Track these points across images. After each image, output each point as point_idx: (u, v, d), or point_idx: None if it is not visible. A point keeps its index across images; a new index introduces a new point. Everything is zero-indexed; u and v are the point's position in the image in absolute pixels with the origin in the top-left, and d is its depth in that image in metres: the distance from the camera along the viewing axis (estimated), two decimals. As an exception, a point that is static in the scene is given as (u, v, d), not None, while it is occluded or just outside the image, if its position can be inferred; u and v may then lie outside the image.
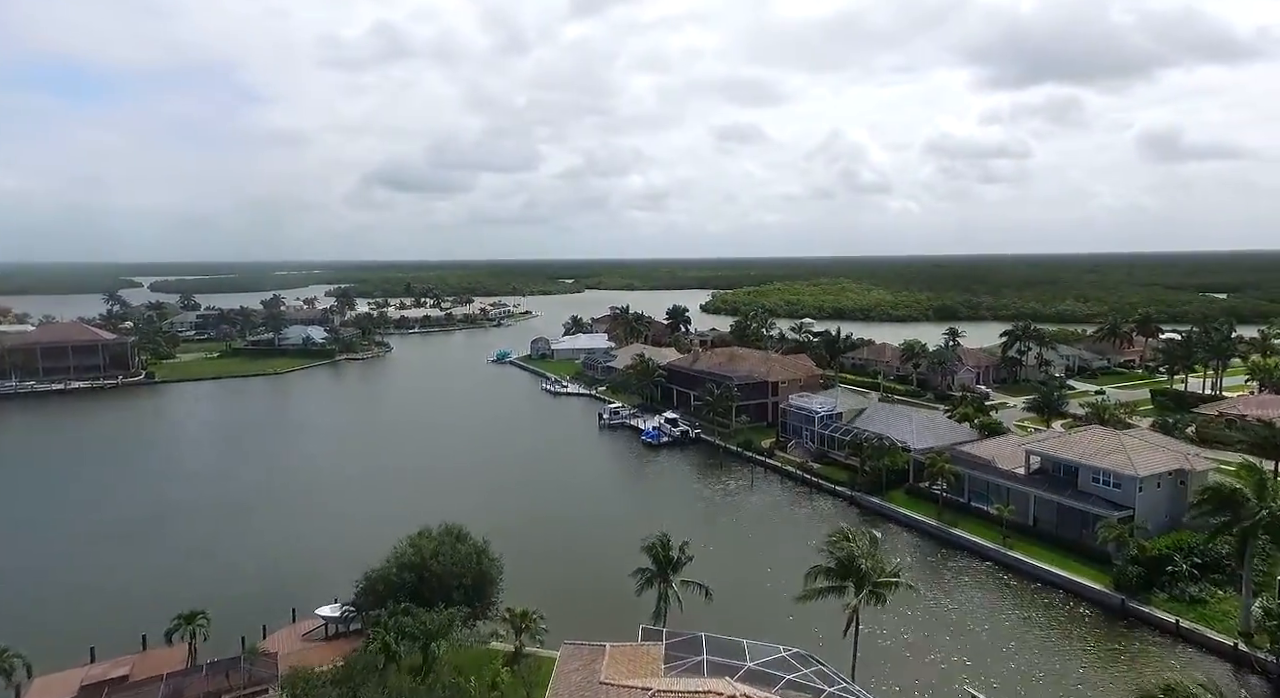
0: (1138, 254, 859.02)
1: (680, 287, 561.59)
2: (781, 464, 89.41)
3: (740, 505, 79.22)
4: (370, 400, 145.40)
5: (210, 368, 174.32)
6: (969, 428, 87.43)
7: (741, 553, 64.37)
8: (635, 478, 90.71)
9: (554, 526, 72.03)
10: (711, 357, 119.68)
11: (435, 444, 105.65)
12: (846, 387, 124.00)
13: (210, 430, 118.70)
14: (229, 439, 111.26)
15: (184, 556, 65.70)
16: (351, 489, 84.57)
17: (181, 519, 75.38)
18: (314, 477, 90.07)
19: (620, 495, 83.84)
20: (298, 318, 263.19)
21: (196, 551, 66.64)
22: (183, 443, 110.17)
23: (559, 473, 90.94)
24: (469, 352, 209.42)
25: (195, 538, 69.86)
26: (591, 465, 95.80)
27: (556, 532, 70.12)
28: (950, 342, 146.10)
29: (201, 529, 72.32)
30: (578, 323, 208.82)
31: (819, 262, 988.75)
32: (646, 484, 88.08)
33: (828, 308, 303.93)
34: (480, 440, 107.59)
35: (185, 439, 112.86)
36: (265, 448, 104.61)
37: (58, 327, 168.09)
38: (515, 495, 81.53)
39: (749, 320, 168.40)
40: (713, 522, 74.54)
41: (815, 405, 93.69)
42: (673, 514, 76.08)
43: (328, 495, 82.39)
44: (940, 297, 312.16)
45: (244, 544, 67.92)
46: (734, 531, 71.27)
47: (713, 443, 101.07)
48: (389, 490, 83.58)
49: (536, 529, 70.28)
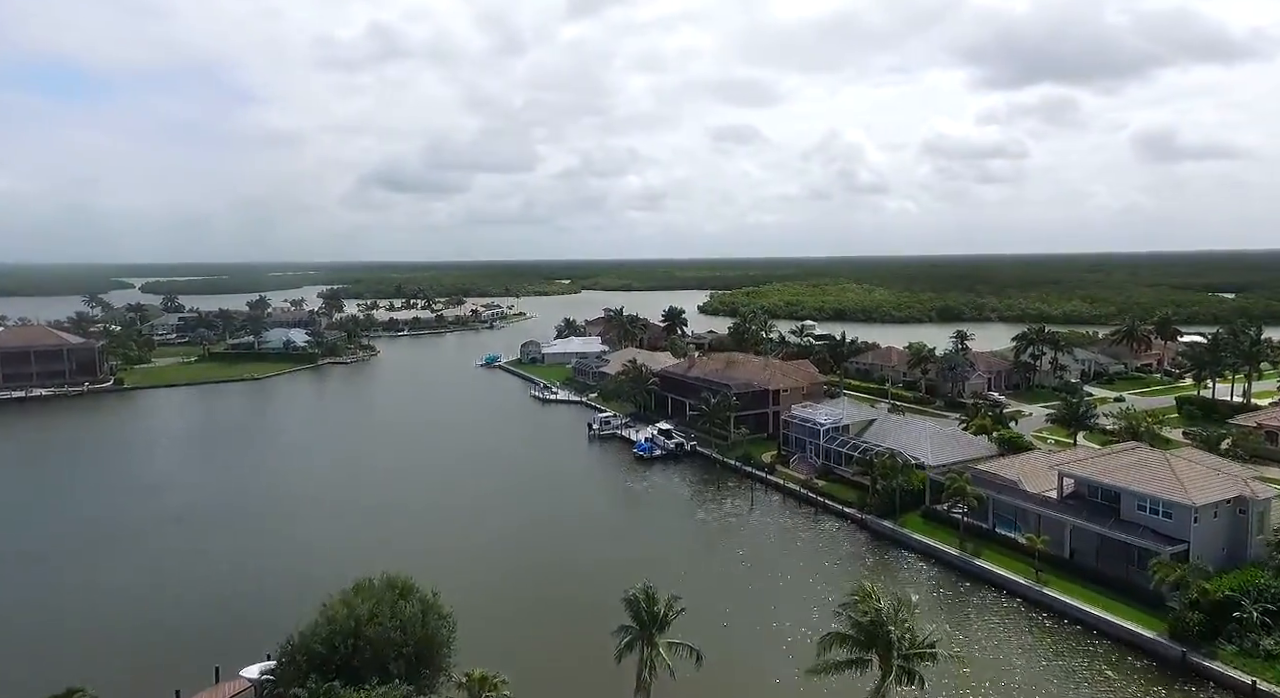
0: (1135, 254, 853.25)
1: (678, 287, 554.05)
2: (784, 481, 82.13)
3: (739, 530, 71.99)
4: (347, 408, 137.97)
5: (184, 373, 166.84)
6: (988, 442, 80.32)
7: (740, 595, 56.97)
8: (624, 499, 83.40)
9: (528, 563, 64.65)
10: (708, 363, 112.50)
11: (409, 459, 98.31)
12: (852, 394, 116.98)
13: (167, 442, 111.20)
14: (184, 453, 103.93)
15: (101, 593, 58.40)
16: (307, 513, 77.22)
17: (109, 546, 68.07)
18: (268, 497, 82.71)
19: (607, 521, 76.54)
20: (283, 320, 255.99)
21: (117, 588, 59.23)
22: (134, 456, 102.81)
23: (541, 494, 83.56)
24: (458, 355, 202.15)
25: (119, 570, 62.50)
26: (577, 484, 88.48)
27: (530, 571, 62.69)
28: (959, 345, 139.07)
29: (128, 559, 65.01)
30: (570, 325, 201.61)
31: (817, 262, 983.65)
32: (636, 506, 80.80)
33: (828, 309, 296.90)
34: (459, 454, 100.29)
35: (137, 452, 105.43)
36: (222, 463, 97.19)
37: (21, 331, 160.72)
38: (487, 524, 74.22)
39: (747, 323, 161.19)
40: (709, 551, 67.32)
41: (820, 417, 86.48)
42: (664, 543, 68.98)
43: (279, 520, 75.02)
44: (943, 297, 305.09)
45: (173, 579, 60.58)
46: (731, 563, 63.99)
47: (709, 457, 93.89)
48: (348, 515, 76.23)
49: (508, 568, 63.08)
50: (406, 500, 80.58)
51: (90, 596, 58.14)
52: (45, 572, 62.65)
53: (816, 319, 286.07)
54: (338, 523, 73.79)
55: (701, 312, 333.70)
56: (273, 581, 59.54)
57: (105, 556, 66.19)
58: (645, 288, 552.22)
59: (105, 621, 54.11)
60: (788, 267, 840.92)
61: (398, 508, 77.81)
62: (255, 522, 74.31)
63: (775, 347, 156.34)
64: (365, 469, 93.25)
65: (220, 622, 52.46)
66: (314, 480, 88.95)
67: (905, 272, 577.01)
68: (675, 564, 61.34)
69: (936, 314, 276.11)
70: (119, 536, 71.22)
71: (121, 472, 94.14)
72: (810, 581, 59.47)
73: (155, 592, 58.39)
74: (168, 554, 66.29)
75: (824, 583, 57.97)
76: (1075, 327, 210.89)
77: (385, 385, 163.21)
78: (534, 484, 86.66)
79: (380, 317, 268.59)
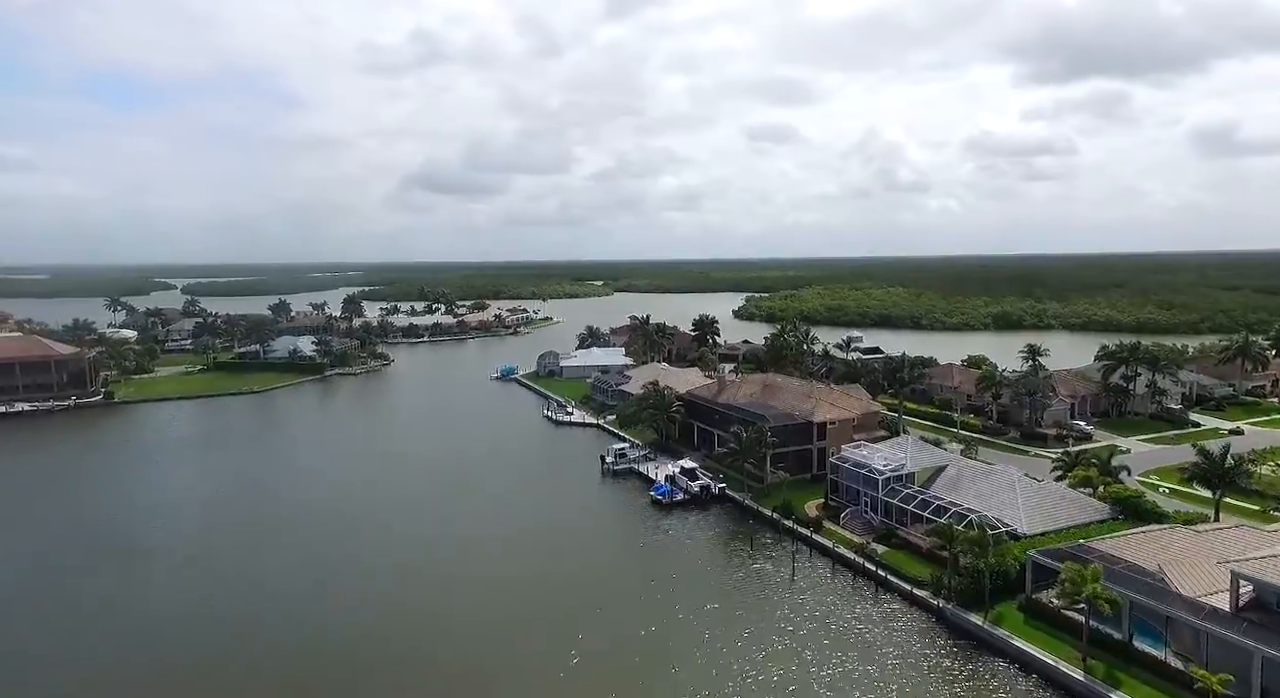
0: (1196, 253, 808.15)
1: (713, 289, 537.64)
2: (833, 543, 66.12)
3: (776, 609, 56.42)
4: (337, 431, 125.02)
5: (181, 386, 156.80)
6: (1094, 499, 63.30)
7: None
8: (632, 558, 68.09)
9: (497, 645, 50.19)
10: (741, 385, 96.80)
11: (391, 496, 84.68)
12: (912, 420, 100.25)
13: (125, 469, 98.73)
14: (140, 481, 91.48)
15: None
16: (234, 571, 63.87)
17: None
18: (200, 547, 69.55)
19: (607, 587, 61.29)
20: (298, 326, 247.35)
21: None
22: (80, 486, 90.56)
23: (532, 550, 68.92)
24: (476, 365, 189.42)
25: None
26: (578, 536, 73.53)
27: (496, 659, 48.27)
28: (1031, 362, 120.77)
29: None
30: (593, 334, 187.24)
31: (857, 262, 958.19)
32: (646, 568, 65.22)
33: (873, 314, 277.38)
34: (449, 491, 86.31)
35: (85, 481, 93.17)
36: (175, 498, 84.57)
37: (7, 342, 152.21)
38: (458, 598, 59.91)
39: (785, 335, 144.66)
40: (734, 640, 51.85)
41: (876, 462, 70.26)
42: (675, 624, 53.96)
43: (196, 579, 61.74)
44: (998, 301, 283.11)
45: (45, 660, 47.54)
46: (767, 662, 48.55)
47: (740, 503, 78.44)
48: (290, 571, 62.81)
49: (477, 648, 48.63)
50: (368, 557, 66.79)
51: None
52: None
53: (859, 325, 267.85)
54: (277, 577, 60.37)
55: (736, 317, 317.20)
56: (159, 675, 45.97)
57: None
58: (678, 290, 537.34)
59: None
60: (827, 266, 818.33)
61: (351, 574, 64.01)
62: (178, 580, 61.25)
63: (818, 362, 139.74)
64: (333, 513, 79.82)
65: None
66: (263, 531, 75.79)
67: (951, 272, 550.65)
68: (689, 659, 46.55)
69: (992, 321, 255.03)
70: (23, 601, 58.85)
71: (54, 508, 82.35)
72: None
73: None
74: (69, 623, 53.52)
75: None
76: (1154, 337, 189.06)
77: (389, 401, 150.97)
78: (527, 536, 72.16)
79: (400, 322, 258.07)
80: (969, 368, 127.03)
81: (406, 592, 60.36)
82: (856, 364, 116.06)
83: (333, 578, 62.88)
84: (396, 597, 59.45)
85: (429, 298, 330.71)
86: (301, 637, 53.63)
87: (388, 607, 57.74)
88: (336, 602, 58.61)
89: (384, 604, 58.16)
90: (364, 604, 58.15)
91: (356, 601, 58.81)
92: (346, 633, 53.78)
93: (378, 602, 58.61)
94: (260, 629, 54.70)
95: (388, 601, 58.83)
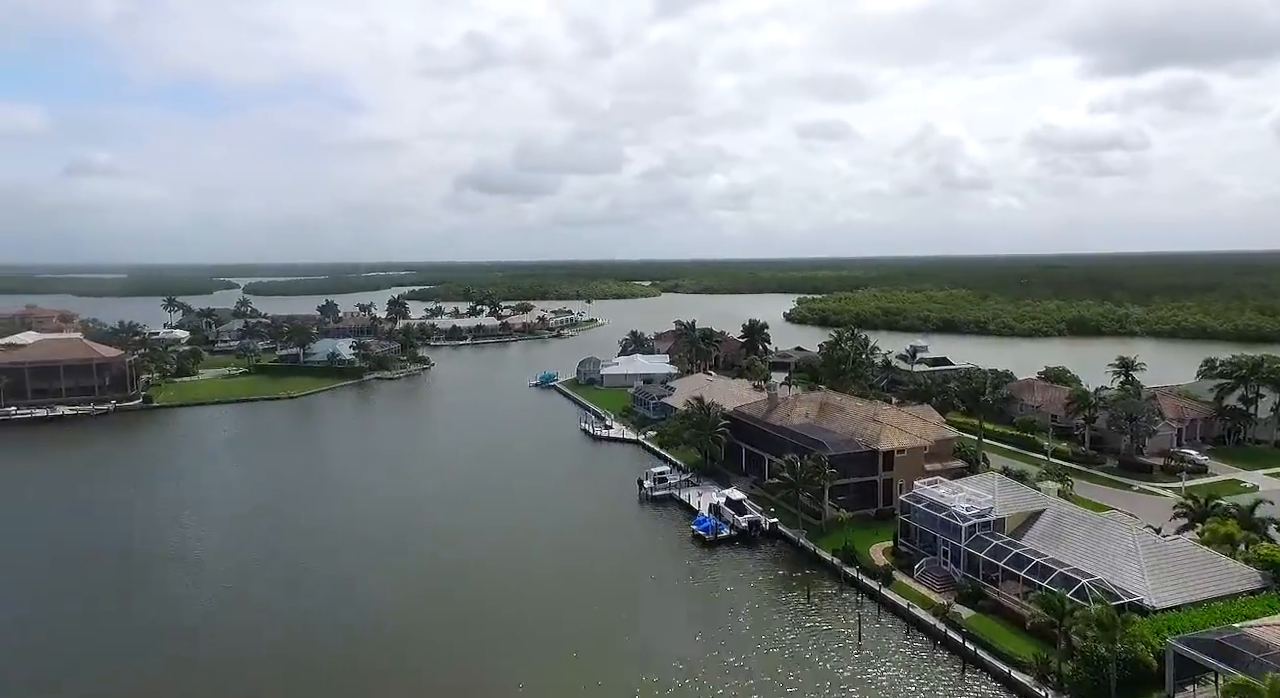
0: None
1: (762, 290, 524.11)
2: (907, 603, 55.91)
3: (839, 685, 46.80)
4: (368, 440, 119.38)
5: (220, 390, 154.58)
6: (1238, 562, 51.53)
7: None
8: (669, 608, 59.01)
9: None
10: (795, 404, 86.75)
11: (405, 521, 77.63)
12: (994, 446, 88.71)
13: (125, 481, 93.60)
14: (140, 496, 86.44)
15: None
16: (238, 586, 57.28)
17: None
18: (167, 579, 63.48)
19: (637, 654, 52.34)
20: (345, 328, 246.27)
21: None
22: (82, 510, 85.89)
23: (551, 595, 60.60)
24: (515, 370, 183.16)
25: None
26: (606, 579, 64.52)
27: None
28: (1124, 378, 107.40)
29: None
30: (637, 339, 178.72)
31: (913, 261, 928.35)
32: (682, 619, 56.16)
33: (935, 319, 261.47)
34: (470, 517, 78.77)
35: (75, 501, 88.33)
36: (161, 516, 79.15)
37: (53, 344, 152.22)
38: (469, 638, 51.98)
39: (842, 344, 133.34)
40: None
41: (958, 504, 59.66)
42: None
43: (137, 636, 55.28)
44: (1072, 305, 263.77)
45: None
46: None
47: (795, 542, 68.82)
48: (282, 601, 55.95)
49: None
50: (381, 594, 59.59)
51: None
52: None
53: (919, 330, 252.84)
54: (275, 601, 53.58)
55: (787, 320, 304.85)
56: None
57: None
58: (727, 291, 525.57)
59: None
60: (880, 266, 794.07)
61: (370, 606, 56.88)
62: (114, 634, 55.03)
63: (877, 374, 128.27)
64: (340, 537, 73.12)
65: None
66: (262, 544, 69.53)
67: (1015, 272, 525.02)
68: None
69: (1066, 327, 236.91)
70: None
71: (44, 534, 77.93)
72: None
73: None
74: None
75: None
76: (1259, 348, 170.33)
77: (422, 410, 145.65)
78: (550, 573, 63.90)
79: (443, 324, 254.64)
80: (1050, 383, 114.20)
81: (407, 630, 52.80)
82: (925, 380, 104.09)
83: (325, 618, 55.83)
84: (393, 634, 51.94)
85: (473, 299, 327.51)
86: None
87: (380, 654, 50.26)
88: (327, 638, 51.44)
89: (377, 652, 50.70)
90: (355, 654, 50.82)
91: (345, 645, 51.53)
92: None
93: (366, 653, 51.18)
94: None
95: (381, 648, 51.36)
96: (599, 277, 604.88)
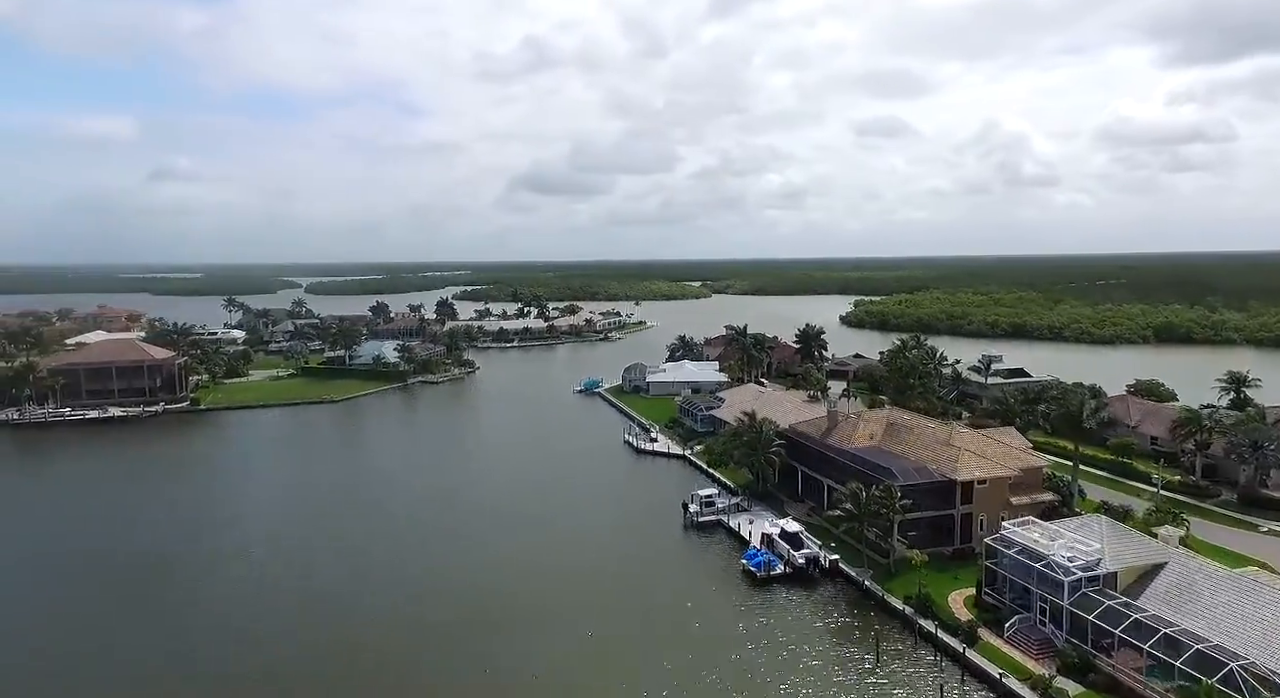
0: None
1: (817, 291, 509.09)
2: (998, 671, 47.22)
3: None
4: (406, 448, 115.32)
5: (267, 392, 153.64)
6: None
7: None
8: (712, 660, 51.52)
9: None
10: (857, 424, 78.09)
11: (435, 538, 72.28)
12: (1091, 473, 78.30)
13: (138, 499, 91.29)
14: (142, 519, 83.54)
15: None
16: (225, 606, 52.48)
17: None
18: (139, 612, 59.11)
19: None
20: (395, 328, 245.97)
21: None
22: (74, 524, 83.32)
23: (580, 634, 53.92)
24: (561, 374, 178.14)
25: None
26: (642, 620, 57.31)
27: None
28: (1236, 395, 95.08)
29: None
30: (685, 344, 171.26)
31: (973, 262, 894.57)
32: (732, 676, 48.88)
33: (1003, 324, 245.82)
34: (502, 535, 72.92)
35: (87, 516, 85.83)
36: (154, 553, 75.55)
37: (108, 345, 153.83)
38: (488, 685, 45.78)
39: (908, 353, 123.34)
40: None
41: (1058, 552, 50.56)
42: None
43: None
44: (1158, 310, 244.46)
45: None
46: None
47: (859, 583, 60.69)
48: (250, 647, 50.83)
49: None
50: (396, 633, 53.98)
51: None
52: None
53: (986, 337, 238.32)
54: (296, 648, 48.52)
55: (844, 323, 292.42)
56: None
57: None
58: (780, 292, 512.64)
59: None
60: (940, 266, 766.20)
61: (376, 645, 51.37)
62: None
63: (946, 386, 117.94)
64: (358, 570, 68.08)
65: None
66: (265, 569, 64.95)
67: (1085, 273, 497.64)
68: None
69: (1153, 334, 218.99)
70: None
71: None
72: None
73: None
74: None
75: None
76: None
77: (463, 416, 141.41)
78: (580, 606, 57.26)
79: (491, 326, 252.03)
80: (1148, 400, 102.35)
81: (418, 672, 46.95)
82: (1003, 396, 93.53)
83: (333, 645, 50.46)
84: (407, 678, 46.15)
85: (521, 299, 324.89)
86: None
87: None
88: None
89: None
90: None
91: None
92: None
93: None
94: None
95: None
96: (649, 277, 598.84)
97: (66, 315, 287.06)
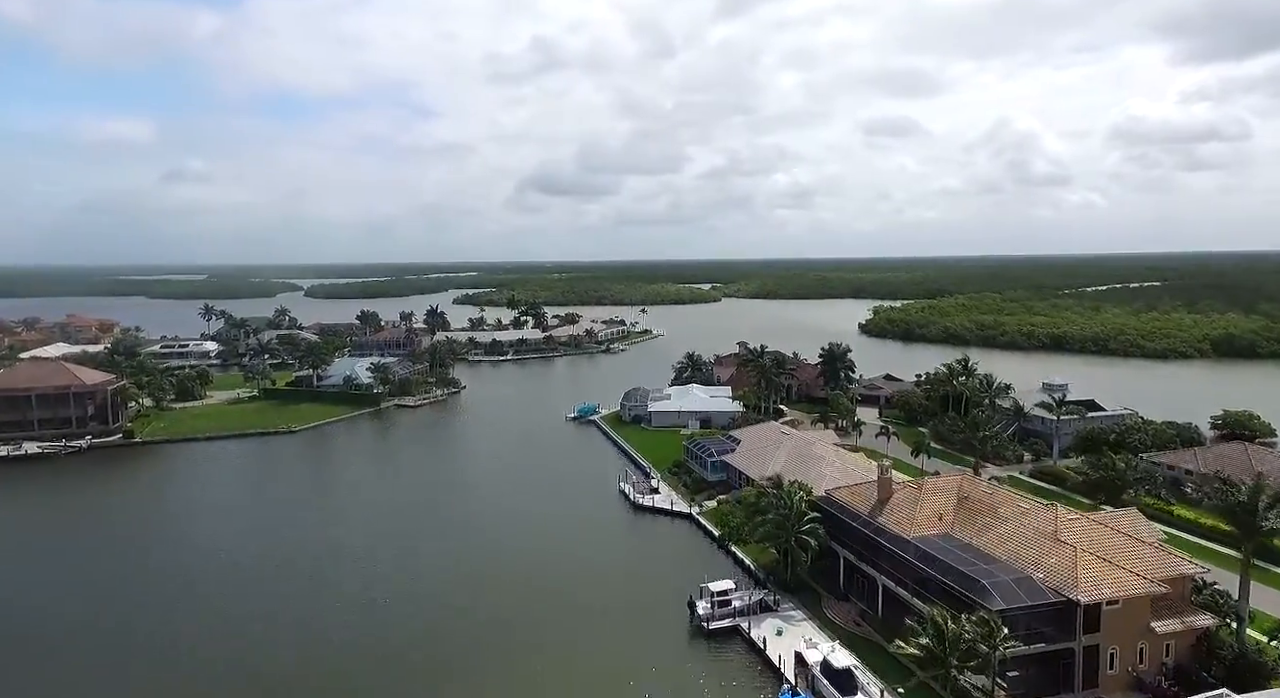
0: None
1: (830, 294, 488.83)
2: None
3: None
4: (358, 495, 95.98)
5: (218, 420, 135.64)
6: None
7: None
8: None
9: None
10: (919, 500, 59.01)
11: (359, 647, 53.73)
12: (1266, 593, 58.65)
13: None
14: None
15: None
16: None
17: None
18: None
19: None
20: (378, 340, 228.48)
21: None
22: None
23: None
24: (555, 395, 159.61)
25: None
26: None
27: None
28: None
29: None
30: (694, 364, 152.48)
31: (986, 261, 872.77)
32: None
33: (1040, 334, 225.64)
34: (449, 643, 54.29)
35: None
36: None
37: (29, 368, 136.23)
38: None
39: (954, 380, 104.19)
40: None
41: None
42: None
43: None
44: (1214, 321, 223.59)
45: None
46: None
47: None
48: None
49: None
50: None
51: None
52: None
53: (1023, 348, 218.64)
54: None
55: (863, 332, 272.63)
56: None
57: None
58: (791, 295, 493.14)
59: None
60: (951, 266, 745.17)
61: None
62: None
63: (1002, 420, 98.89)
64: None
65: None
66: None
67: (1105, 273, 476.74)
68: None
69: (1211, 346, 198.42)
70: None
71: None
72: None
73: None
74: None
75: None
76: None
77: (437, 450, 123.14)
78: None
79: (483, 338, 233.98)
80: (1257, 445, 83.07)
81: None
82: (1114, 465, 71.75)
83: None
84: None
85: (516, 306, 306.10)
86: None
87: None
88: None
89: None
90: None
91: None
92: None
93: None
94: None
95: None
96: (658, 279, 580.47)
97: (32, 325, 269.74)
